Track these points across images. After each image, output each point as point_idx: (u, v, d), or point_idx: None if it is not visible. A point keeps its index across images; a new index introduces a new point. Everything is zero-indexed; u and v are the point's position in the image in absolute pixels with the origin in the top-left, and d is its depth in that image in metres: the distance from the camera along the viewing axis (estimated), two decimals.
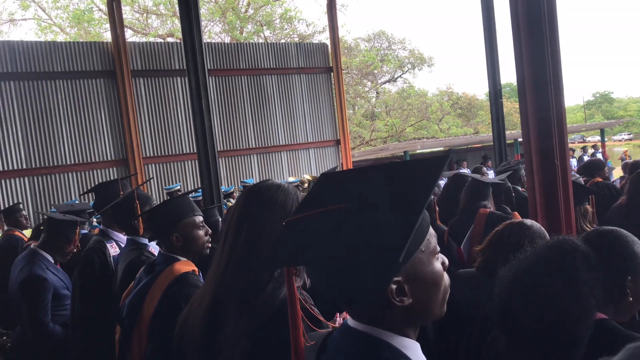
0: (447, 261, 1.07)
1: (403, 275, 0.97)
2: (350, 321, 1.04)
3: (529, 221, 2.33)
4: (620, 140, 50.26)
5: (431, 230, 1.04)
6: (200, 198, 8.16)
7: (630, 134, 55.85)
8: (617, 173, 15.37)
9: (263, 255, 1.54)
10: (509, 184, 4.48)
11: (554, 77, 3.41)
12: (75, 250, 3.69)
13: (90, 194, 10.01)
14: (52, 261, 3.60)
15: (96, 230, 7.50)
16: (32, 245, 3.71)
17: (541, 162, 3.37)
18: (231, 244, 1.62)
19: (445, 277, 1.05)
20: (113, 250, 3.35)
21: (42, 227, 4.82)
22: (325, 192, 1.11)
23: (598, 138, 32.16)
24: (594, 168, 5.67)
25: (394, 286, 0.95)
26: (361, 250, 0.89)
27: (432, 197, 4.06)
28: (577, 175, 5.62)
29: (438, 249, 1.05)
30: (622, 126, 52.38)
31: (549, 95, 3.39)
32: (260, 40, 22.87)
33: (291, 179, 11.65)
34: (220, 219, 4.89)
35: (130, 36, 22.44)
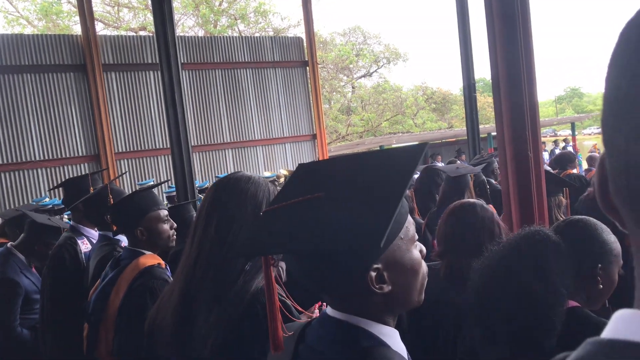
0: (424, 249, 1.07)
1: (382, 263, 0.97)
2: (329, 310, 1.03)
3: (470, 205, 2.28)
4: (590, 134, 51.34)
5: (409, 218, 1.03)
6: (174, 193, 8.06)
7: (599, 128, 56.95)
8: (586, 165, 15.68)
9: (238, 245, 1.52)
10: (484, 176, 4.53)
11: (527, 71, 3.46)
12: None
13: (59, 190, 9.82)
14: (26, 263, 3.52)
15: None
16: (8, 244, 3.61)
17: (514, 153, 3.42)
18: (201, 237, 1.59)
19: (424, 264, 1.06)
20: (84, 246, 3.28)
21: (5, 228, 4.70)
22: (302, 182, 1.09)
23: (569, 132, 32.78)
24: (566, 160, 5.79)
25: (373, 273, 0.95)
26: (341, 237, 0.88)
27: (410, 188, 4.08)
28: (549, 168, 5.73)
29: (416, 236, 1.05)
30: (592, 120, 53.52)
31: (522, 89, 3.44)
32: (235, 34, 22.66)
33: (267, 174, 11.59)
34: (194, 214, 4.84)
35: (101, 29, 22.02)
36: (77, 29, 21.37)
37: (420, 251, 1.05)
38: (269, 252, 0.98)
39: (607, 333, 0.41)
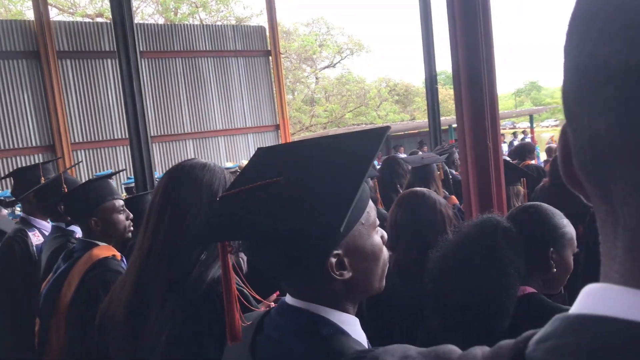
0: (385, 235, 1.06)
1: (343, 249, 0.94)
2: (288, 298, 1.00)
3: (420, 193, 2.27)
4: (547, 127, 52.79)
5: (371, 203, 1.01)
6: (133, 185, 7.87)
7: (557, 121, 58.81)
8: (543, 157, 16.14)
9: (194, 232, 1.48)
10: (446, 167, 4.58)
11: (487, 62, 3.50)
12: None
13: (9, 181, 9.46)
14: None
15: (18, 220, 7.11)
16: None
17: (474, 142, 3.46)
18: (154, 226, 1.53)
19: (385, 250, 1.04)
20: (36, 238, 3.15)
21: None
22: (261, 166, 1.06)
23: (527, 124, 33.61)
24: (525, 151, 5.91)
25: (333, 260, 0.93)
26: (300, 222, 0.85)
27: (373, 178, 4.08)
28: (508, 159, 5.84)
29: (377, 222, 1.03)
30: (550, 113, 55.02)
31: (482, 80, 3.48)
32: (196, 22, 22.24)
33: (229, 164, 11.45)
34: None
35: (55, 15, 21.26)
36: (30, 15, 20.57)
37: (382, 237, 1.03)
38: (226, 238, 0.94)
39: (575, 308, 0.40)
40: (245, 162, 9.41)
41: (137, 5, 22.48)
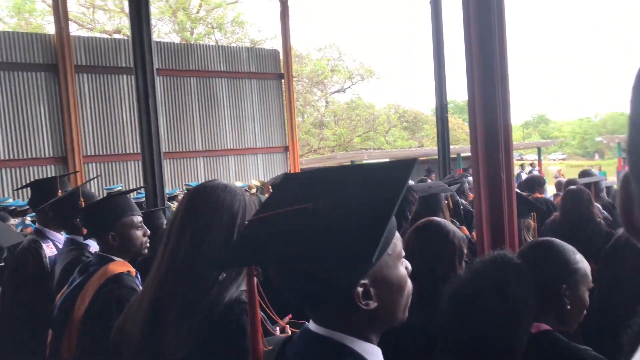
0: (410, 266, 1.07)
1: (369, 278, 0.95)
2: (312, 325, 1.01)
3: (435, 223, 2.29)
4: (554, 160, 52.76)
5: (397, 233, 1.03)
6: (143, 200, 7.91)
7: (564, 154, 58.83)
8: (550, 190, 16.09)
9: (222, 254, 1.49)
10: (457, 197, 4.59)
11: (503, 94, 3.53)
12: None
13: (23, 191, 9.53)
14: None
15: (29, 229, 7.14)
16: None
17: (488, 174, 3.48)
18: (174, 245, 1.54)
19: (409, 282, 1.05)
20: (49, 250, 3.18)
21: None
22: (289, 192, 1.08)
23: (535, 156, 33.58)
24: (535, 184, 5.91)
25: (360, 289, 0.94)
26: (329, 251, 0.86)
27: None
28: (519, 191, 5.84)
29: (403, 253, 1.04)
30: (557, 146, 54.98)
31: (497, 112, 3.51)
32: (211, 43, 22.56)
33: (238, 184, 11.49)
34: (165, 222, 4.76)
35: (75, 30, 21.62)
36: (50, 28, 20.95)
37: (406, 267, 1.05)
38: (254, 263, 0.96)
39: None
40: (254, 182, 9.42)
41: (155, 23, 22.86)
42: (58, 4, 11.19)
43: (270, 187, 7.86)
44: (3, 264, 3.57)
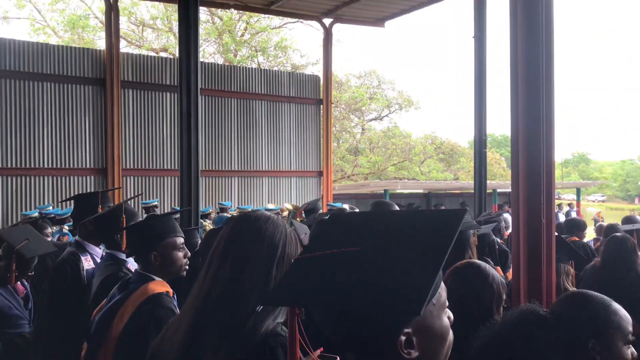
0: (452, 316, 1.06)
1: (413, 327, 0.94)
2: None
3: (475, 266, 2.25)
4: (594, 201, 51.41)
5: (442, 284, 1.02)
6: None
7: (603, 196, 57.30)
8: (588, 233, 15.63)
9: (255, 285, 1.51)
10: (493, 236, 4.51)
11: (547, 132, 3.48)
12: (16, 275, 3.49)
13: (62, 202, 9.81)
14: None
15: (65, 238, 7.33)
16: None
17: (528, 216, 3.41)
18: (215, 272, 1.57)
19: (451, 332, 1.04)
20: (87, 263, 3.24)
21: None
22: (336, 233, 1.08)
23: (573, 196, 32.81)
24: (575, 227, 5.77)
25: (403, 337, 0.93)
26: (376, 297, 0.86)
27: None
28: (559, 235, 5.71)
29: (447, 303, 1.03)
30: (597, 187, 53.60)
31: (540, 150, 3.45)
32: (253, 66, 23.03)
33: (271, 206, 11.56)
34: (199, 241, 4.81)
35: (123, 46, 22.42)
36: (100, 44, 21.78)
37: (449, 317, 1.04)
38: (300, 304, 0.96)
39: None
40: (287, 206, 9.46)
41: (200, 44, 23.50)
42: (110, 21, 11.65)
43: (302, 212, 7.88)
44: (33, 272, 3.64)
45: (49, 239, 6.06)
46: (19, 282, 3.65)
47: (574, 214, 18.06)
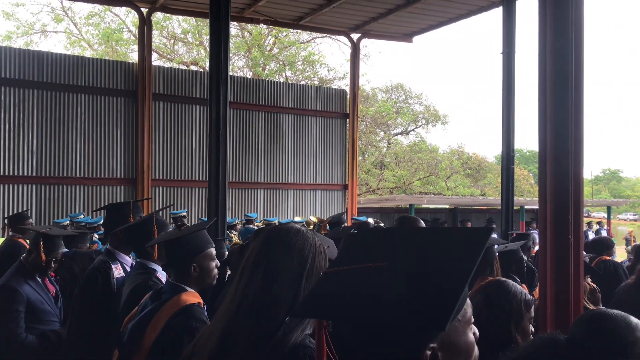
0: (477, 332, 1.07)
1: (439, 343, 0.97)
2: None
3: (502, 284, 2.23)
4: (625, 220, 50.13)
5: (468, 299, 1.04)
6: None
7: (635, 215, 55.81)
8: (619, 252, 15.26)
9: (284, 297, 1.54)
10: (522, 253, 4.46)
11: (576, 148, 3.44)
12: (53, 265, 3.73)
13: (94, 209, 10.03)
14: (35, 276, 3.63)
15: (95, 246, 7.48)
16: (21, 258, 3.74)
17: (555, 235, 3.38)
18: (246, 283, 1.61)
19: (476, 348, 1.05)
20: (117, 271, 3.32)
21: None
22: (363, 248, 1.11)
23: (603, 214, 32.08)
24: (603, 247, 5.67)
25: (428, 352, 0.95)
26: (402, 312, 0.89)
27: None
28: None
29: (472, 319, 1.05)
30: (628, 206, 52.32)
31: (568, 166, 3.42)
32: (281, 79, 23.28)
33: (297, 219, 11.62)
34: (226, 252, 4.88)
35: (155, 59, 22.92)
36: (133, 57, 22.30)
37: (474, 334, 1.05)
38: (327, 317, 0.99)
39: None
40: (312, 219, 9.48)
41: (230, 57, 23.86)
42: (143, 35, 11.95)
43: (327, 225, 7.90)
44: (62, 259, 3.83)
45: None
46: (48, 281, 3.80)
47: (604, 233, 17.65)
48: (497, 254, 4.07)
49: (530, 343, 1.59)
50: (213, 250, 2.45)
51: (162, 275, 2.92)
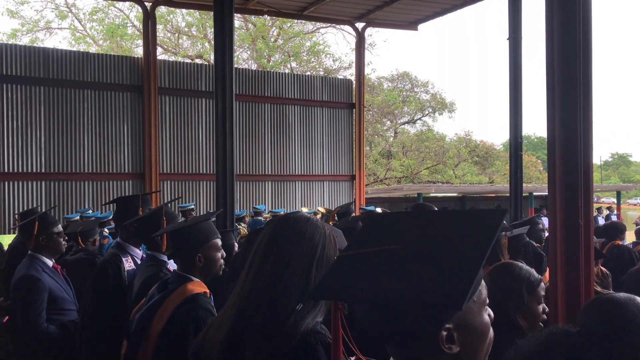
0: (492, 313, 1.07)
1: (454, 323, 0.97)
2: None
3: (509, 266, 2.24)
4: (635, 204, 49.78)
5: (482, 281, 1.04)
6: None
7: None
8: (629, 236, 15.17)
9: (295, 284, 1.55)
10: (528, 238, 4.45)
11: (585, 133, 3.42)
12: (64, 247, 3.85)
13: (103, 203, 10.09)
14: (50, 265, 3.66)
15: (106, 240, 7.53)
16: (29, 250, 3.78)
17: (565, 220, 3.36)
18: (256, 272, 1.62)
19: (491, 329, 1.05)
20: (128, 264, 3.35)
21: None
22: (377, 232, 1.11)
23: (613, 199, 31.88)
24: (616, 231, 5.64)
25: (444, 333, 0.95)
26: (418, 293, 0.89)
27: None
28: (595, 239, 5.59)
29: (487, 300, 1.05)
30: (638, 190, 51.98)
31: (578, 152, 3.39)
32: (286, 71, 23.21)
33: (305, 210, 11.63)
34: (235, 243, 4.90)
35: (160, 54, 22.92)
36: (138, 51, 22.31)
37: (489, 315, 1.05)
38: (342, 298, 0.99)
39: None
40: (321, 209, 9.48)
41: (234, 50, 23.81)
42: (148, 29, 11.94)
43: (335, 215, 7.91)
44: (65, 241, 3.96)
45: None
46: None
47: (614, 218, 17.55)
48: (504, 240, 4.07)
49: (540, 338, 1.55)
50: (219, 241, 2.47)
51: (173, 267, 2.93)
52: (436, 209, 3.95)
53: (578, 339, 1.37)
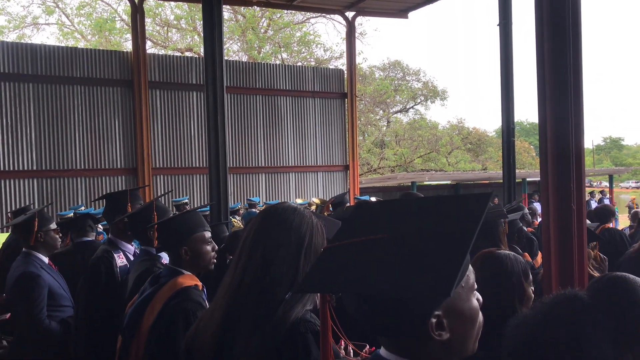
0: (481, 298, 1.07)
1: (443, 310, 0.96)
2: (383, 352, 1.03)
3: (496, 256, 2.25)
4: (627, 188, 50.14)
5: (470, 266, 1.03)
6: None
7: (638, 182, 55.78)
8: (622, 220, 15.27)
9: (283, 274, 1.55)
10: (520, 224, 4.47)
11: (576, 117, 3.41)
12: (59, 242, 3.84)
13: (95, 200, 10.05)
14: (46, 262, 3.65)
15: (100, 237, 7.50)
16: (24, 248, 3.76)
17: (557, 204, 3.36)
18: (245, 262, 1.63)
19: (480, 314, 1.05)
20: (120, 260, 3.33)
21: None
22: (363, 222, 1.10)
23: (605, 183, 32.11)
24: (608, 214, 5.67)
25: (433, 320, 0.95)
26: (406, 281, 0.88)
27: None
28: (588, 221, 5.61)
29: (475, 285, 1.04)
30: (630, 174, 52.30)
31: (569, 136, 3.39)
32: (277, 62, 23.11)
33: (299, 201, 11.62)
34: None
35: (149, 47, 22.75)
36: (127, 46, 22.14)
37: (478, 300, 1.05)
38: (330, 290, 0.98)
39: None
40: (315, 200, 9.46)
41: (224, 42, 23.67)
42: (136, 23, 11.83)
43: (330, 205, 7.90)
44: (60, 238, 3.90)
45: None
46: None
47: (606, 202, 17.67)
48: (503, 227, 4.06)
49: (551, 297, 1.55)
50: (207, 234, 2.44)
51: (167, 261, 2.92)
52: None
53: (586, 302, 1.42)
